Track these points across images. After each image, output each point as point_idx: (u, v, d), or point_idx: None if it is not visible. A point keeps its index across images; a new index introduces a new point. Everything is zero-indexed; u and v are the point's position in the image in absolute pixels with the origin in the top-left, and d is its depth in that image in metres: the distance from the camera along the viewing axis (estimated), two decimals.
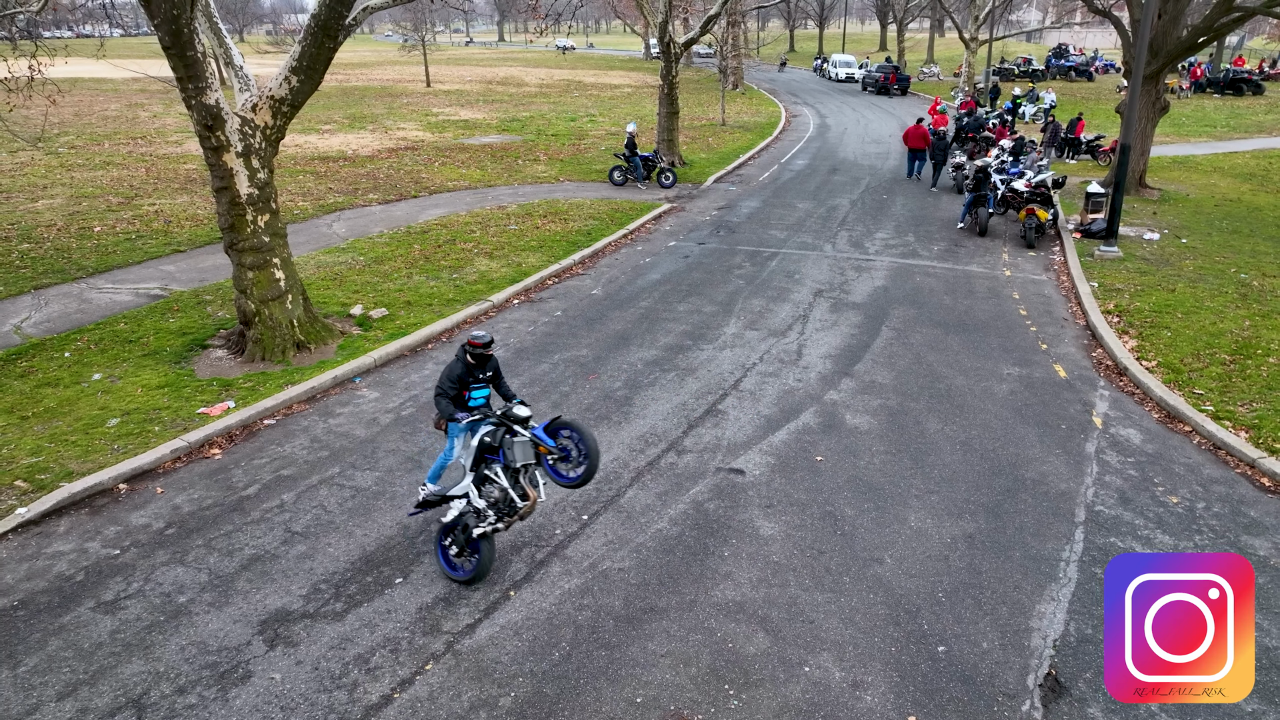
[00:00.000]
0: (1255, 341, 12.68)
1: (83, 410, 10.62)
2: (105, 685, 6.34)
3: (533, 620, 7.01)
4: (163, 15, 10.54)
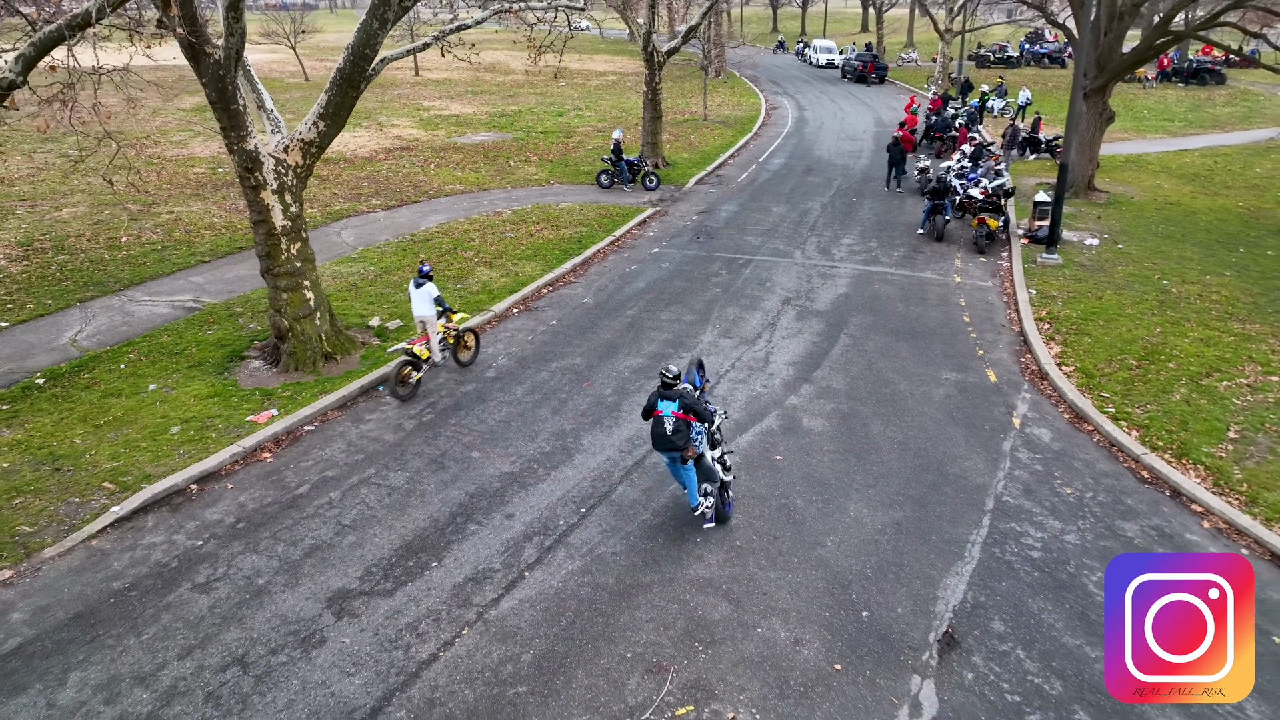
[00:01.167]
0: (1161, 348, 14.58)
1: (146, 419, 12.31)
2: (213, 648, 8.13)
3: (544, 595, 8.84)
4: (210, 75, 12.12)
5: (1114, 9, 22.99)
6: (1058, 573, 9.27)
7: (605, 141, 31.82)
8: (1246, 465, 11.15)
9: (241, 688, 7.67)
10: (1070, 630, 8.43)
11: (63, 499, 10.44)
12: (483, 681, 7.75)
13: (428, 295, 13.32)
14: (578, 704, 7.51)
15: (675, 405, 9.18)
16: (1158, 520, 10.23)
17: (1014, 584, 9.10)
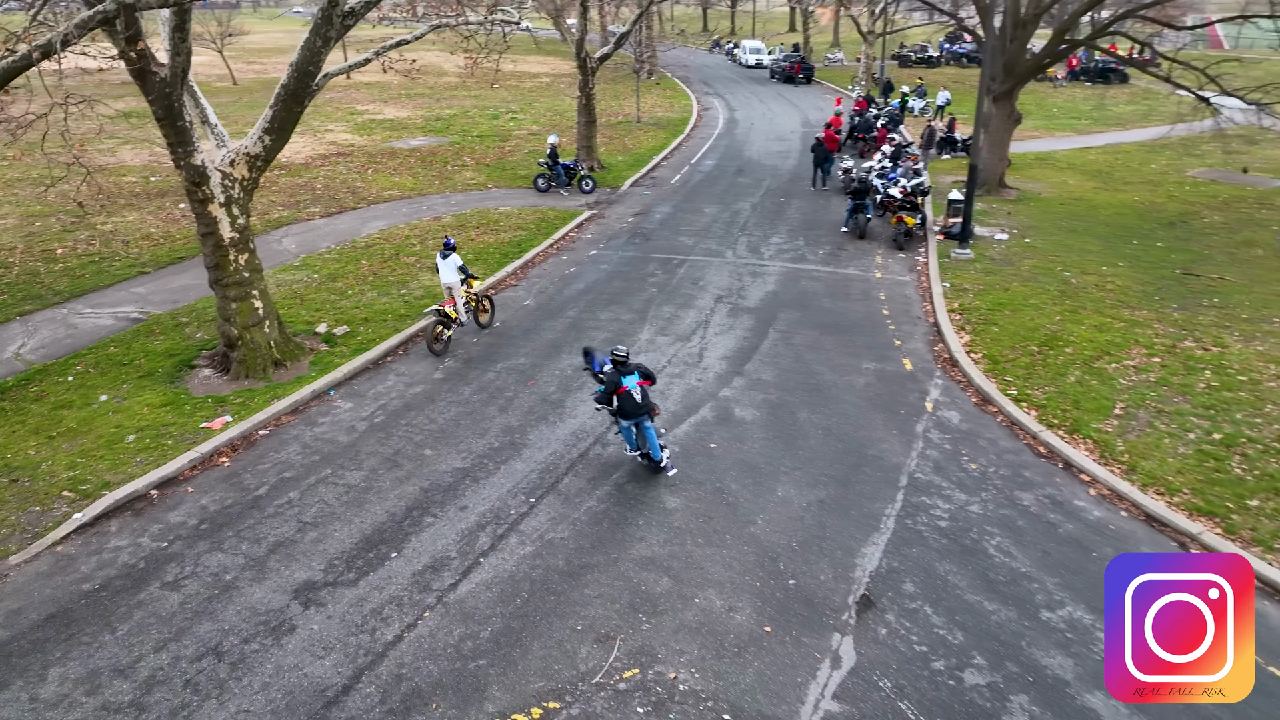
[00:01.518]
0: (1060, 335, 15.91)
1: (101, 429, 12.62)
2: (187, 640, 8.65)
3: (499, 578, 9.56)
4: (157, 93, 12.48)
5: (1018, 17, 24.51)
6: (962, 539, 10.34)
7: (541, 145, 32.40)
8: (1128, 438, 12.43)
9: (218, 674, 8.23)
10: (972, 589, 9.48)
11: (23, 508, 10.76)
12: (445, 657, 8.44)
13: (453, 264, 15.57)
14: (534, 672, 8.26)
15: (636, 376, 10.98)
16: (1051, 490, 11.40)
17: (924, 550, 10.13)
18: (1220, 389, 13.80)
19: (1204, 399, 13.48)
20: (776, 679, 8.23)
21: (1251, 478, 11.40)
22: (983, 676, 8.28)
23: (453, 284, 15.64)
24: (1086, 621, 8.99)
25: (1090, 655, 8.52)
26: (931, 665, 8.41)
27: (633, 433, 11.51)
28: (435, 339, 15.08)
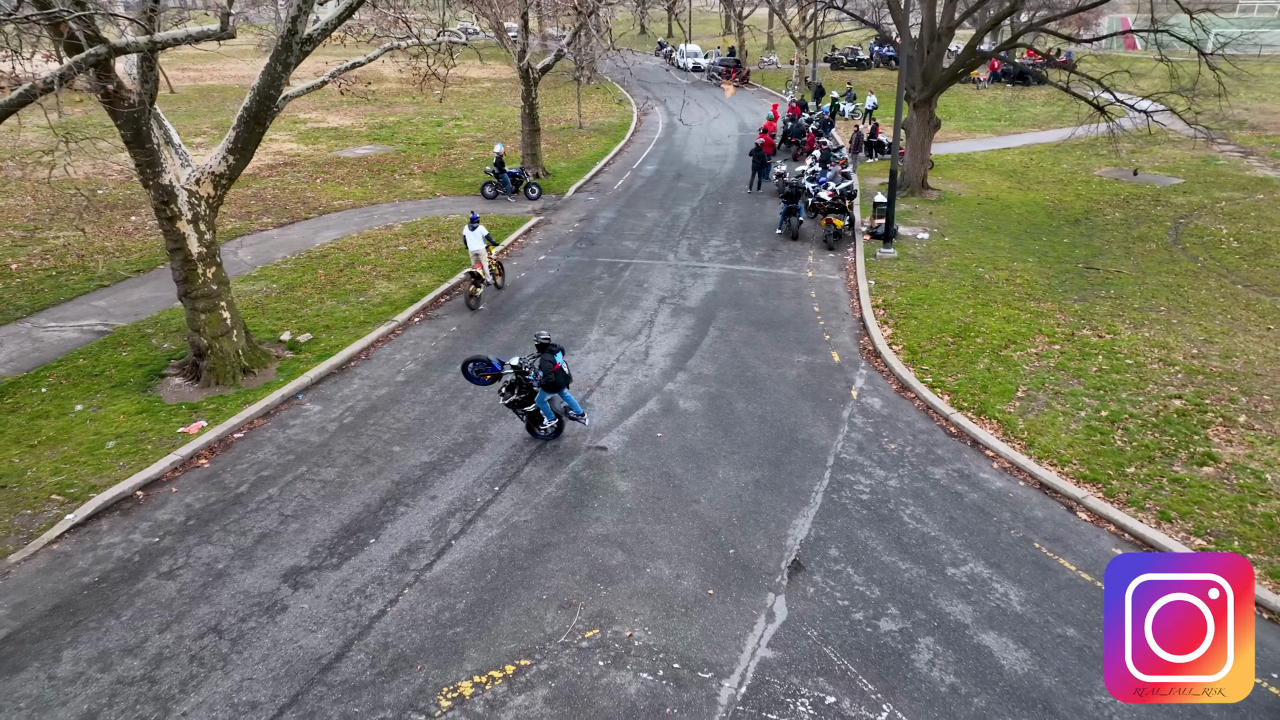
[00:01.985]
0: (972, 326, 17.49)
1: (80, 436, 13.30)
2: (188, 621, 9.54)
3: (470, 558, 10.61)
4: (125, 118, 13.20)
5: (934, 30, 26.24)
6: (880, 510, 11.71)
7: (486, 153, 33.30)
8: (1028, 418, 13.98)
9: (220, 649, 9.15)
10: (888, 551, 10.84)
11: (14, 511, 11.45)
12: (426, 626, 9.48)
13: (480, 234, 18.78)
14: (505, 636, 9.35)
15: (561, 352, 12.67)
16: (959, 465, 12.87)
17: (847, 520, 11.47)
18: (1110, 372, 15.48)
19: (1095, 381, 15.13)
20: (719, 633, 9.45)
21: (1130, 448, 13.02)
22: (895, 624, 9.63)
23: (479, 251, 18.85)
24: (985, 575, 10.41)
25: (986, 602, 9.93)
26: (852, 616, 9.73)
27: (551, 403, 13.03)
28: (471, 295, 18.65)
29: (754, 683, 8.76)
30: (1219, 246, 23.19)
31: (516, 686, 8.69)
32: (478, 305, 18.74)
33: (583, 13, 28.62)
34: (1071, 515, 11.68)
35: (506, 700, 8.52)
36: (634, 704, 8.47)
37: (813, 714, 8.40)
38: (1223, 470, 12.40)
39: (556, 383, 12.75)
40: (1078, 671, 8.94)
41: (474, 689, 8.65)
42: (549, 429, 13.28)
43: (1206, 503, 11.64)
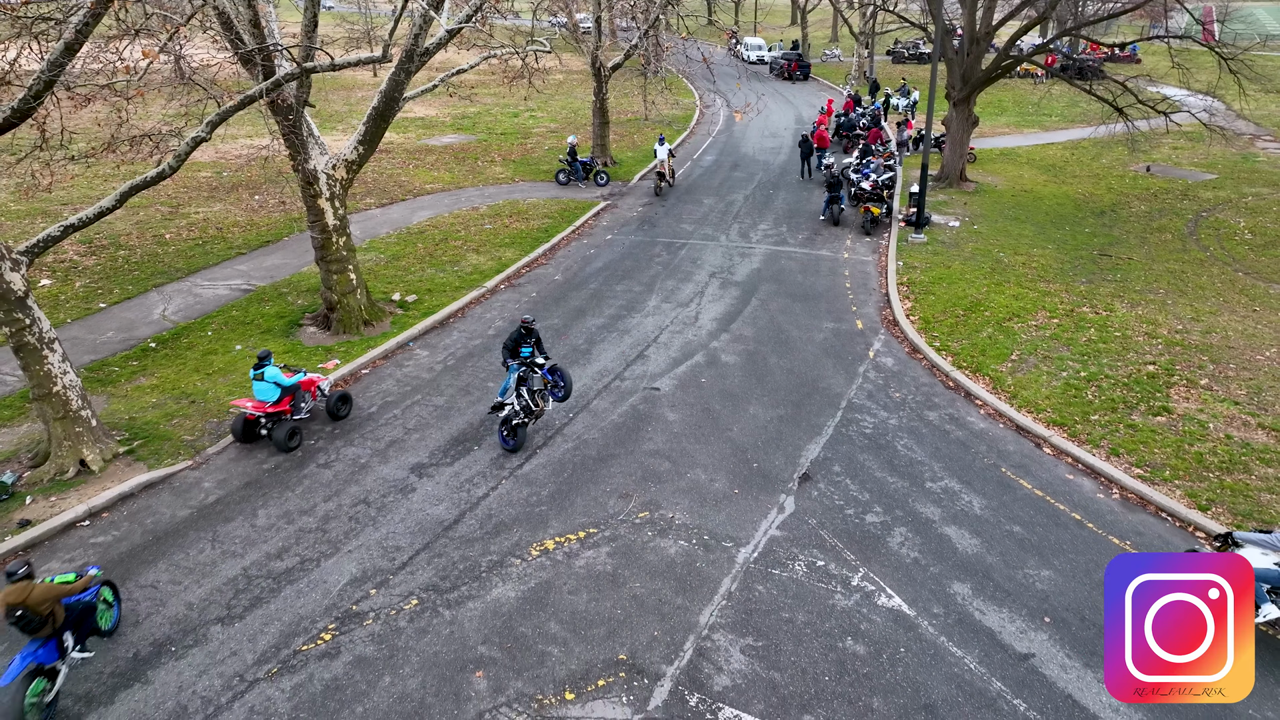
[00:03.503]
0: (983, 302, 19.96)
1: (243, 368, 16.78)
2: (345, 495, 12.85)
3: (551, 462, 13.72)
4: (282, 115, 16.60)
5: (974, 34, 28.43)
6: (879, 440, 14.47)
7: (560, 143, 36.43)
8: (1016, 375, 16.52)
9: (370, 513, 12.43)
10: (880, 469, 13.62)
11: (204, 419, 14.94)
12: (518, 505, 12.62)
13: (667, 148, 29.37)
14: (578, 513, 12.44)
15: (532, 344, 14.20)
16: (951, 410, 15.53)
17: (850, 447, 14.27)
18: (1098, 341, 17.86)
19: (1082, 349, 17.55)
20: (740, 518, 12.39)
21: (1098, 401, 15.50)
22: (878, 517, 12.44)
23: (663, 159, 29.13)
24: (956, 488, 13.13)
25: (954, 506, 12.66)
26: (845, 512, 12.57)
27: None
28: (657, 189, 29.10)
29: (764, 550, 11.68)
30: (1232, 238, 25.05)
31: (586, 545, 11.77)
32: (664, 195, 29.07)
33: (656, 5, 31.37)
34: (1038, 450, 14.29)
35: (579, 553, 11.60)
36: (673, 559, 11.48)
37: (806, 571, 11.28)
38: (1173, 420, 14.83)
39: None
40: (1015, 554, 11.64)
41: (555, 545, 11.76)
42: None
43: (1151, 443, 14.13)
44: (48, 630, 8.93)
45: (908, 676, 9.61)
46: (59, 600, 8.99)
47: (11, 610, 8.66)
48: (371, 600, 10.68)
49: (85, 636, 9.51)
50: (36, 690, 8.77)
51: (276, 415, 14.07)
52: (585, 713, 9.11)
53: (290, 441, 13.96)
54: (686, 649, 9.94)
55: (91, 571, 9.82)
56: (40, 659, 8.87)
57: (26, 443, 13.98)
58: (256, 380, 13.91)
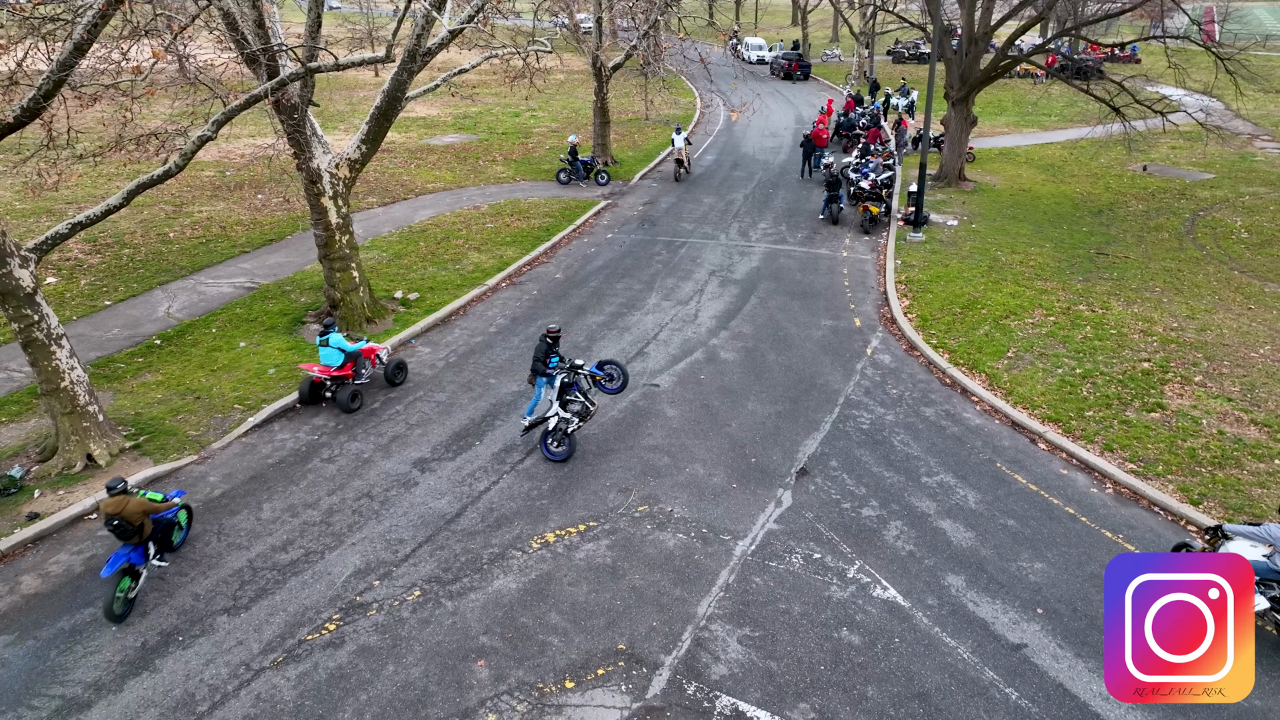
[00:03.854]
0: (979, 300, 20.13)
1: (247, 365, 16.98)
2: (348, 490, 13.03)
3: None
4: (287, 114, 16.78)
5: (972, 35, 28.59)
6: (876, 436, 14.64)
7: (561, 142, 36.61)
8: (1012, 373, 16.69)
9: (373, 507, 12.61)
10: (877, 464, 13.79)
11: (209, 415, 15.13)
12: (519, 499, 12.80)
13: (683, 137, 31.74)
14: (578, 506, 12.61)
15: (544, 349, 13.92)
16: (947, 406, 15.70)
17: (847, 443, 14.44)
18: (1093, 339, 18.03)
19: (1078, 346, 17.71)
20: (738, 512, 12.56)
21: (1093, 398, 15.66)
22: (874, 511, 12.61)
23: (681, 146, 31.73)
24: (951, 483, 13.30)
25: (949, 500, 12.83)
26: (841, 506, 12.74)
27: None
28: (677, 176, 31.82)
29: (761, 543, 11.86)
30: (1228, 237, 25.22)
31: (586, 538, 11.94)
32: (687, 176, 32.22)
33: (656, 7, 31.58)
34: (1033, 445, 14.46)
35: (579, 546, 11.78)
36: (672, 552, 11.66)
37: (803, 563, 11.46)
38: (1167, 416, 15.00)
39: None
40: (1009, 547, 11.82)
41: (556, 538, 11.94)
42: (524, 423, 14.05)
43: (1145, 439, 14.29)
44: (137, 538, 10.48)
45: (902, 666, 9.78)
46: (148, 514, 10.57)
47: (110, 519, 10.25)
48: (375, 591, 10.86)
49: (163, 549, 11.16)
50: (124, 586, 10.36)
51: (340, 379, 15.34)
52: (585, 701, 9.29)
53: (352, 403, 15.29)
54: (685, 639, 10.12)
55: (175, 498, 11.29)
56: (131, 560, 10.44)
57: (35, 437, 14.17)
58: (322, 346, 15.25)
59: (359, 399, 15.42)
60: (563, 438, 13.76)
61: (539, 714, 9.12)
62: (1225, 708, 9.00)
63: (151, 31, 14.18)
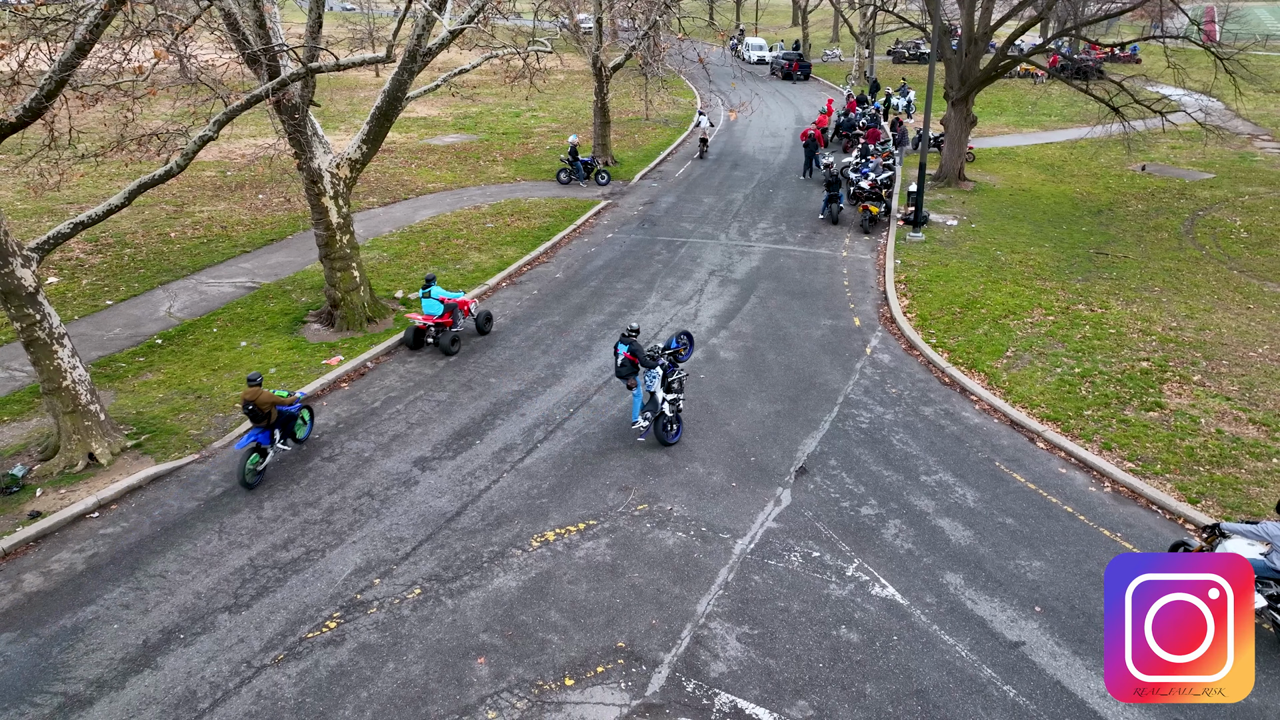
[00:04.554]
0: (978, 300, 20.17)
1: (248, 364, 17.02)
2: (349, 488, 13.07)
3: (552, 455, 13.94)
4: (288, 114, 16.82)
5: (971, 35, 28.63)
6: (875, 435, 14.68)
7: (561, 142, 36.66)
8: (1011, 372, 16.72)
9: (373, 505, 12.65)
10: (876, 463, 13.83)
11: (211, 414, 15.18)
12: (519, 498, 12.84)
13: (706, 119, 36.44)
14: (578, 505, 12.66)
15: (625, 349, 13.97)
16: (946, 406, 15.73)
17: (847, 441, 14.48)
18: (1092, 339, 18.06)
19: (1077, 345, 17.75)
20: (738, 510, 12.60)
21: (1092, 397, 15.70)
22: (873, 510, 12.65)
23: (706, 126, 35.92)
24: (950, 482, 13.34)
25: (947, 499, 12.87)
26: (840, 504, 12.78)
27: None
28: (701, 154, 35.55)
29: (760, 541, 11.90)
30: (1228, 237, 25.26)
31: (586, 536, 11.99)
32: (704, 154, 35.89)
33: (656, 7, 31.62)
34: (1031, 444, 14.50)
35: (579, 544, 11.82)
36: (671, 550, 11.70)
37: (801, 562, 11.50)
38: (1165, 415, 15.03)
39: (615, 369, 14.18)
40: (1007, 546, 11.86)
41: (555, 536, 11.98)
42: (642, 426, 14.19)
43: (1144, 437, 14.33)
44: (265, 423, 13.03)
45: (900, 663, 9.82)
46: (275, 405, 13.09)
47: (246, 404, 12.86)
48: (375, 589, 10.90)
49: (286, 436, 13.63)
50: (253, 461, 13.01)
51: (440, 326, 17.51)
52: (584, 698, 9.33)
53: (452, 346, 17.57)
54: (684, 637, 10.16)
55: (299, 395, 13.86)
56: (260, 440, 13.01)
57: (36, 436, 14.22)
58: (425, 298, 17.46)
59: (458, 343, 17.72)
60: (677, 417, 14.28)
61: (539, 711, 9.17)
62: (1225, 707, 9.06)
63: (153, 32, 14.20)
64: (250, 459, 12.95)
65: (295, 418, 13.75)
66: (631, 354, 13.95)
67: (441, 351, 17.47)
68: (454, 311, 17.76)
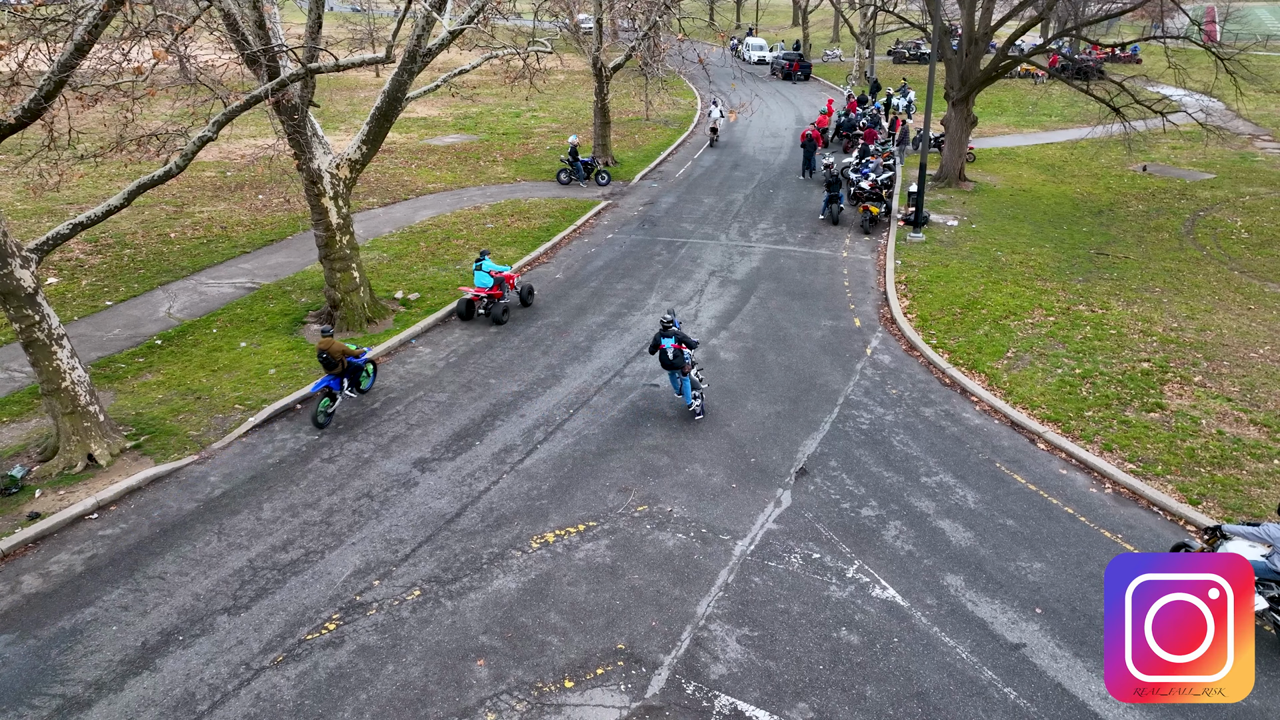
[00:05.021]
0: (979, 300, 20.14)
1: (248, 365, 17.01)
2: (348, 489, 13.05)
3: (552, 456, 13.92)
4: (287, 114, 16.80)
5: (972, 35, 28.60)
6: (876, 436, 14.66)
7: (561, 143, 36.64)
8: (1011, 373, 16.70)
9: (373, 507, 12.63)
10: (876, 464, 13.80)
11: (210, 415, 15.16)
12: (519, 499, 12.82)
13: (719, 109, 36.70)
14: (578, 507, 12.63)
15: (673, 340, 14.29)
16: (947, 406, 15.71)
17: (847, 443, 14.45)
18: (1093, 339, 18.03)
19: (1077, 346, 17.72)
20: (738, 512, 12.58)
21: (1092, 398, 15.67)
22: (873, 511, 12.63)
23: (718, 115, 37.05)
24: (950, 483, 13.31)
25: (948, 500, 12.84)
26: (840, 505, 12.75)
27: (675, 382, 15.21)
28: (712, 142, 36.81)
29: (761, 543, 11.88)
30: (1228, 237, 25.23)
31: (586, 537, 11.97)
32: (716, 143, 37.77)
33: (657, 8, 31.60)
34: (1032, 445, 14.47)
35: (579, 545, 11.80)
36: (671, 551, 11.68)
37: (802, 563, 11.48)
38: (1166, 416, 15.01)
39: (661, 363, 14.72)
40: (1008, 547, 11.83)
41: (555, 538, 11.96)
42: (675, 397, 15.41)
43: (1144, 438, 14.30)
44: (336, 370, 14.62)
45: (900, 665, 9.80)
46: (344, 356, 14.61)
47: (320, 353, 14.50)
48: (375, 591, 10.88)
49: (353, 385, 15.26)
50: (325, 405, 14.67)
51: (491, 298, 18.91)
52: (584, 700, 9.31)
53: (503, 316, 19.06)
54: (684, 639, 10.14)
55: (368, 352, 15.49)
56: (331, 385, 14.67)
57: (36, 437, 14.20)
58: (476, 271, 18.88)
59: (508, 313, 19.20)
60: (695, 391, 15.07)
61: (538, 713, 9.14)
62: (1225, 707, 9.04)
63: (152, 32, 14.19)
64: (322, 402, 14.60)
65: (361, 369, 15.25)
66: (680, 343, 14.47)
67: (493, 321, 18.95)
68: (502, 285, 19.06)
